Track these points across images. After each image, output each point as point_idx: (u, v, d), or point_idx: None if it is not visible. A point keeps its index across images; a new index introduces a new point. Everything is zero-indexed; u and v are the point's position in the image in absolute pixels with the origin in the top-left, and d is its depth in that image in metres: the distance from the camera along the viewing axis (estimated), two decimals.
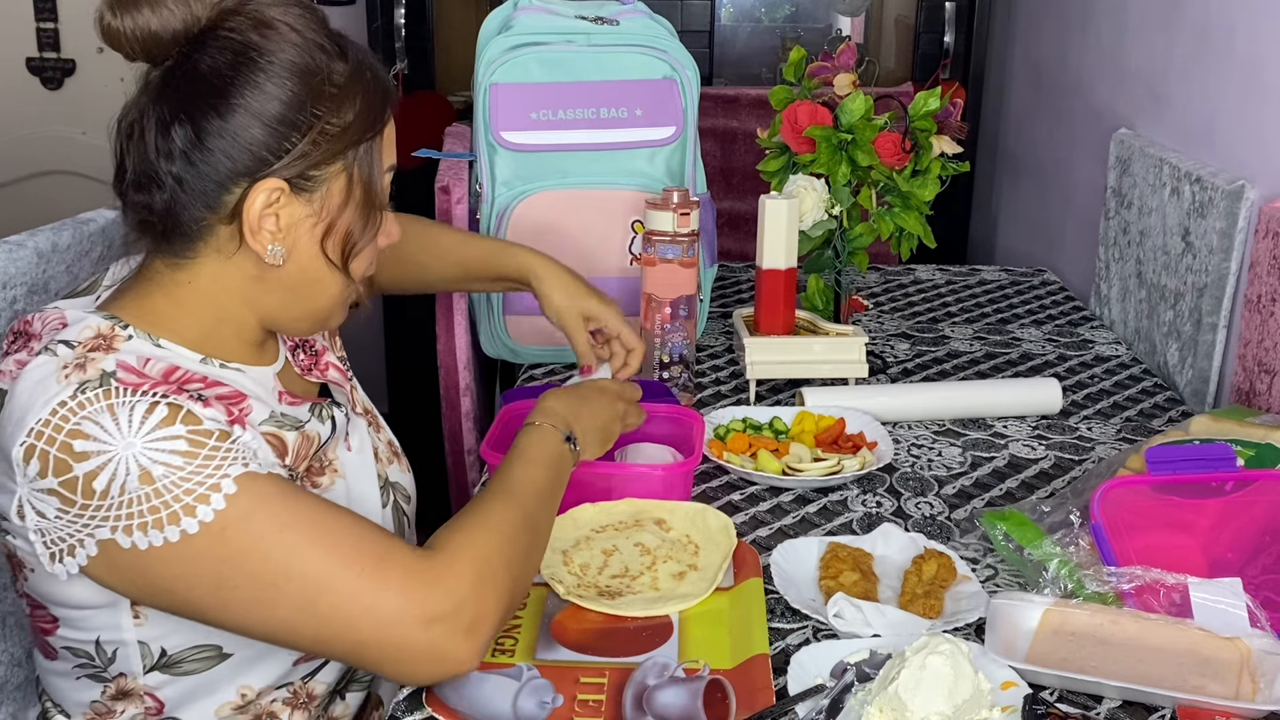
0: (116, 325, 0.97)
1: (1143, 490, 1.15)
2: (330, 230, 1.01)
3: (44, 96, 3.32)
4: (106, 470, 0.88)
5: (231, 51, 0.95)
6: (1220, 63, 1.72)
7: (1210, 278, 1.65)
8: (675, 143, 1.71)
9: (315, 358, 1.19)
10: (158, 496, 0.88)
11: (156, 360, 0.96)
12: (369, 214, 1.03)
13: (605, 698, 0.97)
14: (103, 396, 0.89)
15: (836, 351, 1.59)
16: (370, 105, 1.00)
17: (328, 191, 0.99)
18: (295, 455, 1.04)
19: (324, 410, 1.11)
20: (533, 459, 1.10)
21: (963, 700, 0.92)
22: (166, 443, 0.89)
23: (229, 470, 0.90)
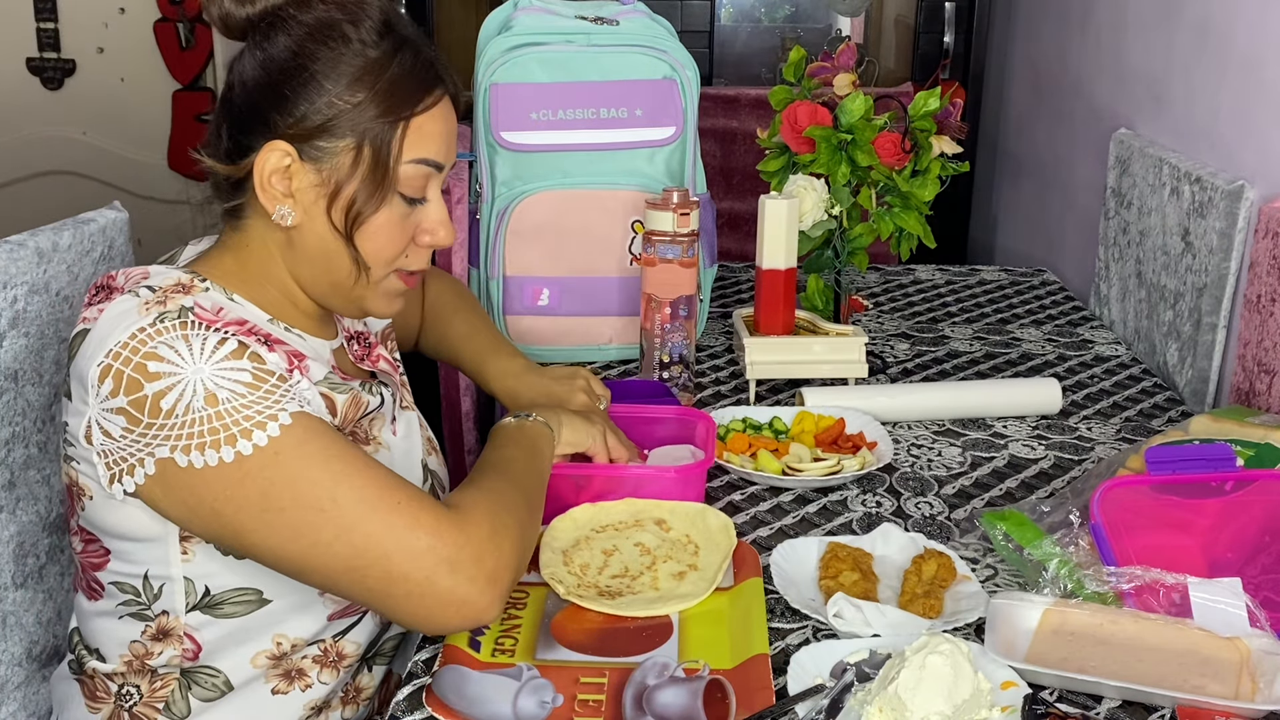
0: (195, 278, 1.05)
1: (1142, 490, 1.15)
2: (335, 199, 1.04)
3: (44, 96, 3.33)
4: (174, 390, 0.94)
5: (283, 30, 1.04)
6: (1220, 63, 1.72)
7: (1210, 278, 1.65)
8: (675, 143, 1.71)
9: (368, 349, 1.22)
10: (219, 419, 0.94)
11: (229, 310, 1.03)
12: (375, 188, 1.04)
13: (605, 698, 0.97)
14: (179, 326, 0.97)
15: (836, 351, 1.60)
16: (393, 92, 1.04)
17: (336, 164, 1.03)
18: (344, 417, 1.09)
19: (373, 387, 1.15)
20: (502, 444, 1.16)
21: (962, 700, 0.92)
22: (233, 372, 0.96)
23: (286, 405, 0.97)
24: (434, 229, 1.10)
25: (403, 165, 1.05)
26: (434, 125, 1.07)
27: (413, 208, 1.08)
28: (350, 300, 1.11)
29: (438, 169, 1.09)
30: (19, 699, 1.23)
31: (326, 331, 1.16)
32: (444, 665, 1.00)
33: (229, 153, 1.06)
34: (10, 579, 1.20)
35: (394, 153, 1.04)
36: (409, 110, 1.05)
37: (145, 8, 3.31)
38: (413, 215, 1.09)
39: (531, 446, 1.17)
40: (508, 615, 1.09)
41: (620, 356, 1.76)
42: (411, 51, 1.06)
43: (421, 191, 1.08)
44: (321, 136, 1.03)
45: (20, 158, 3.32)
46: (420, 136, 1.06)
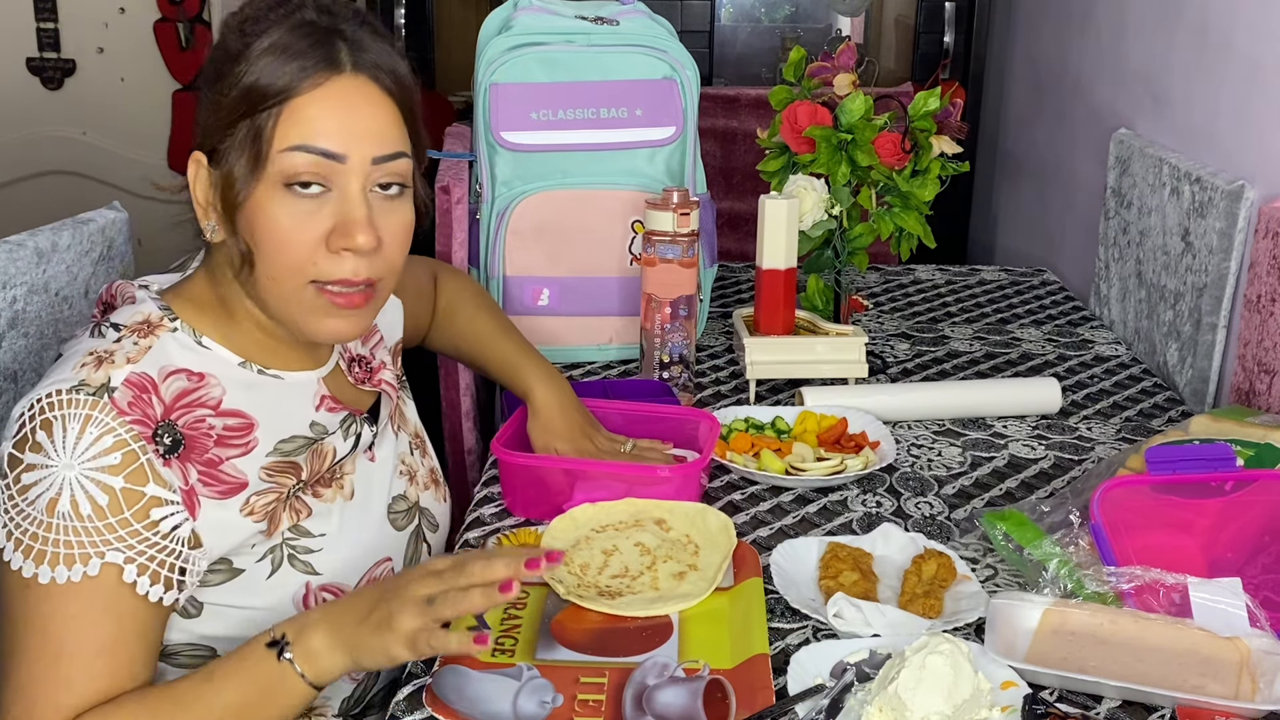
0: (166, 316, 1.02)
1: (1142, 490, 1.15)
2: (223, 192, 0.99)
3: (44, 96, 3.32)
4: (36, 473, 0.92)
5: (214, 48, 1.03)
6: (1220, 63, 1.72)
7: (1210, 278, 1.65)
8: (675, 143, 1.71)
9: (371, 373, 1.19)
10: (45, 529, 0.92)
11: (176, 377, 0.99)
12: (250, 171, 0.97)
13: (605, 698, 0.97)
14: (88, 406, 0.93)
15: (836, 351, 1.60)
16: (272, 73, 0.97)
17: (230, 159, 0.99)
18: (309, 469, 1.07)
19: (354, 425, 1.12)
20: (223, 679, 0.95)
21: (962, 700, 0.92)
22: (95, 486, 0.92)
23: (109, 553, 0.92)
24: (346, 229, 0.98)
25: (281, 153, 0.97)
26: (317, 108, 0.97)
27: (315, 204, 0.98)
28: (285, 319, 1.03)
29: (331, 158, 0.98)
30: None
31: (314, 360, 1.11)
32: (444, 665, 1.00)
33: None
34: None
35: (267, 135, 0.97)
36: (284, 94, 0.97)
37: (145, 8, 3.31)
38: (316, 214, 0.98)
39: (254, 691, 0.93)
40: (508, 615, 1.09)
41: (620, 356, 1.76)
42: (300, 33, 0.98)
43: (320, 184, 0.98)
44: (218, 136, 0.99)
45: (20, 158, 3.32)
46: (298, 120, 0.97)
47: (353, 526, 1.10)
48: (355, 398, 1.16)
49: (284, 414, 1.06)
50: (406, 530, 1.18)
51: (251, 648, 0.95)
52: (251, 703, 0.93)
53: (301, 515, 1.06)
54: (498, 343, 1.40)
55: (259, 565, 1.03)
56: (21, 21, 3.25)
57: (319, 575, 1.06)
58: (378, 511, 1.14)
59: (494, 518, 1.30)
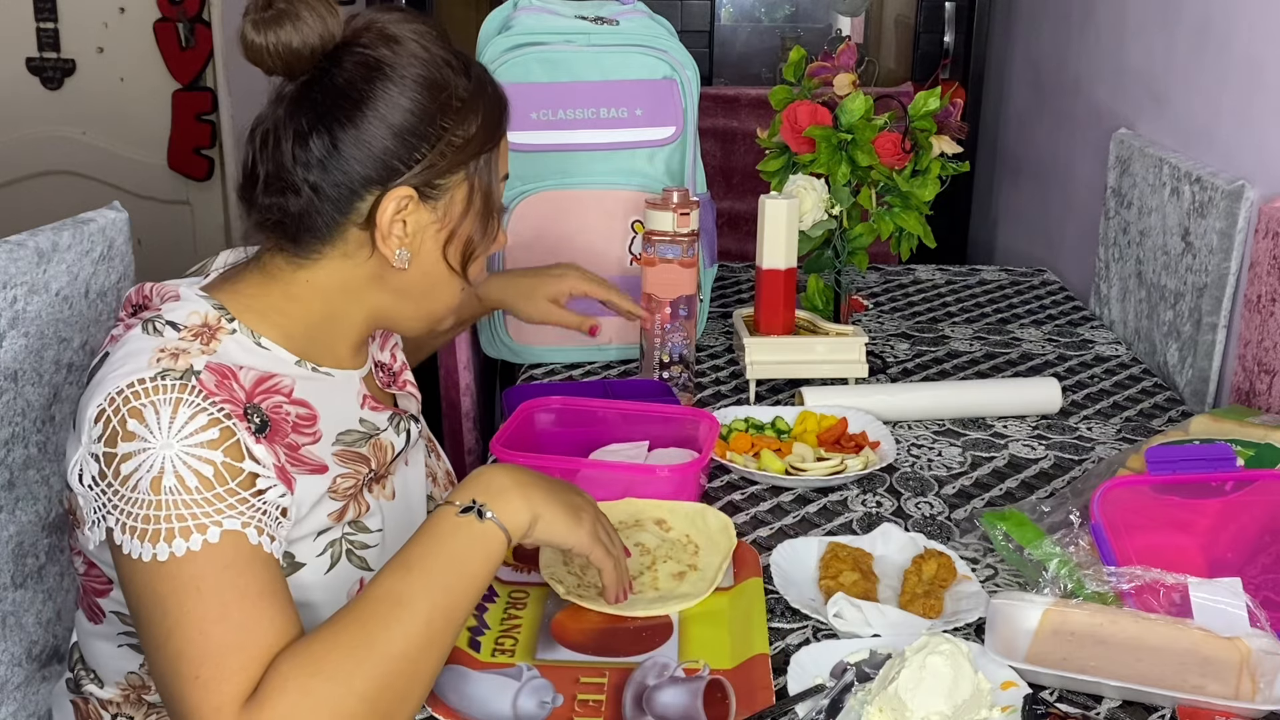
0: (223, 316, 1.02)
1: (1143, 490, 1.15)
2: (452, 237, 1.05)
3: (44, 96, 3.32)
4: (135, 459, 0.91)
5: (365, 66, 1.00)
6: (1220, 63, 1.72)
7: (1210, 278, 1.65)
8: (675, 143, 1.71)
9: (393, 377, 1.23)
10: (156, 509, 0.90)
11: (249, 368, 1.00)
12: (488, 221, 1.07)
13: (605, 698, 0.97)
14: (177, 389, 0.93)
15: (836, 351, 1.60)
16: (490, 118, 1.05)
17: (451, 199, 1.04)
18: (376, 461, 1.10)
19: (401, 422, 1.15)
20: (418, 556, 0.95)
21: (963, 700, 0.92)
22: (197, 461, 0.92)
23: (225, 521, 0.91)
24: (499, 238, 1.12)
25: (497, 185, 1.08)
26: (505, 141, 1.10)
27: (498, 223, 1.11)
28: (434, 322, 1.12)
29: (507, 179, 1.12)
30: (19, 699, 1.23)
31: (358, 360, 1.14)
32: (444, 665, 0.99)
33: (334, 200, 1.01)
34: (10, 579, 1.20)
35: (496, 177, 1.07)
36: (501, 134, 1.07)
37: (145, 8, 3.31)
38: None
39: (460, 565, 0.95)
40: (508, 615, 1.09)
41: (620, 356, 1.76)
42: (485, 72, 1.08)
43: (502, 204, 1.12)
44: (437, 174, 1.03)
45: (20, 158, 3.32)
46: (503, 155, 1.09)
47: (398, 525, 1.11)
48: (386, 400, 1.19)
49: (338, 409, 1.08)
50: None
51: (439, 525, 0.95)
52: (461, 572, 0.94)
53: (362, 509, 1.07)
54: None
55: (319, 559, 1.04)
56: (21, 21, 3.25)
57: (371, 571, 1.07)
58: (418, 511, 1.17)
59: None
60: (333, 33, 1.00)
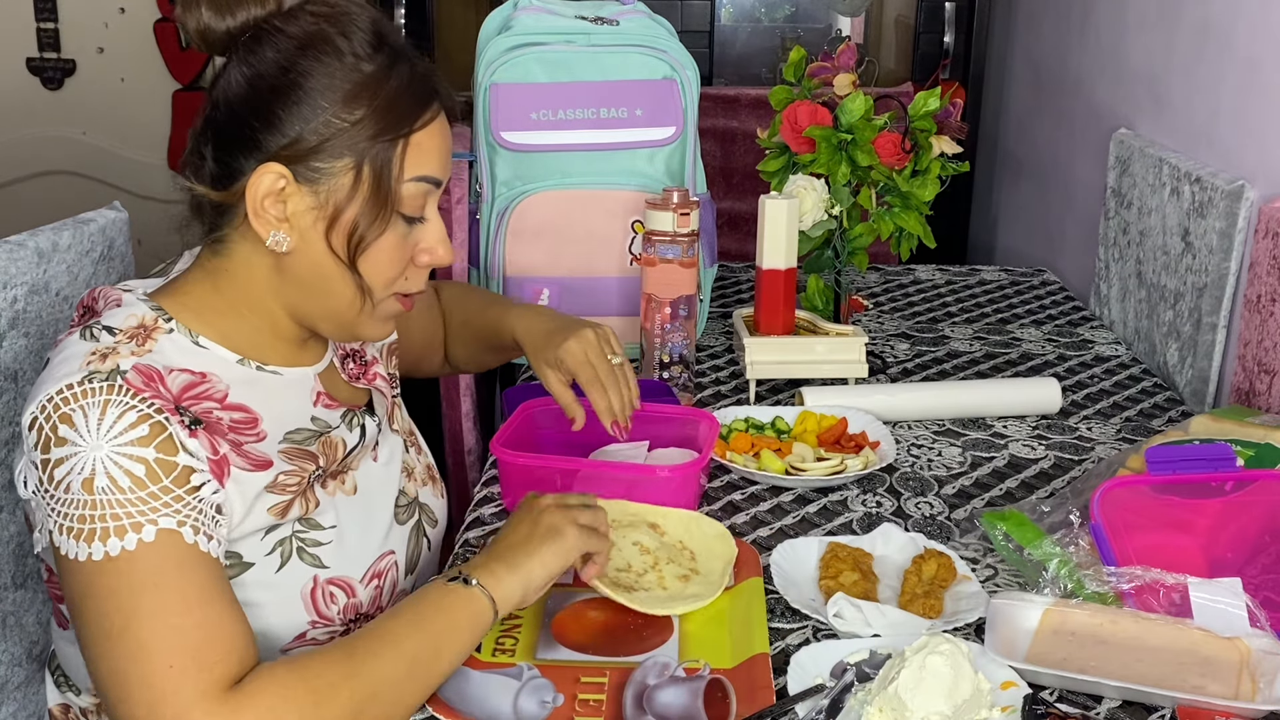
0: (160, 317, 1.01)
1: (1143, 490, 1.15)
2: (335, 224, 1.00)
3: (44, 96, 3.32)
4: (68, 463, 0.91)
5: (268, 46, 0.99)
6: (1220, 63, 1.72)
7: (1210, 278, 1.65)
8: (675, 143, 1.71)
9: (365, 367, 1.20)
10: (90, 509, 0.90)
11: (180, 372, 0.99)
12: (378, 211, 1.01)
13: (605, 697, 0.97)
14: (104, 391, 0.92)
15: (836, 351, 1.60)
16: (392, 108, 1.00)
17: (334, 186, 0.99)
18: (325, 458, 1.08)
19: (355, 418, 1.13)
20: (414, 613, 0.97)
21: (963, 700, 0.92)
22: (129, 460, 0.91)
23: (161, 519, 0.91)
24: (433, 248, 1.06)
25: (404, 184, 1.01)
26: (432, 141, 1.03)
27: (411, 227, 1.04)
28: (344, 326, 1.07)
29: (436, 185, 1.05)
30: (19, 699, 1.23)
31: (310, 356, 1.12)
32: None
33: (215, 176, 1.01)
34: (10, 579, 1.20)
35: (395, 172, 1.01)
36: (408, 127, 1.01)
37: (145, 8, 3.31)
38: (411, 235, 1.05)
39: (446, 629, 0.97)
40: (508, 615, 1.09)
41: None
42: (408, 65, 1.02)
43: (421, 210, 1.04)
44: (318, 157, 0.98)
45: (20, 158, 3.32)
46: (420, 153, 1.02)
47: (357, 521, 1.10)
48: (350, 395, 1.16)
49: (285, 408, 1.07)
50: (408, 524, 1.18)
51: (428, 591, 0.98)
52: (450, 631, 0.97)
53: (310, 507, 1.05)
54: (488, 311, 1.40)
55: (269, 558, 1.02)
56: (21, 21, 3.25)
57: (326, 569, 1.06)
58: (384, 507, 1.15)
59: (494, 518, 1.30)
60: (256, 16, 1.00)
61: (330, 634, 1.06)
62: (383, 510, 1.15)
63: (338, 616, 1.06)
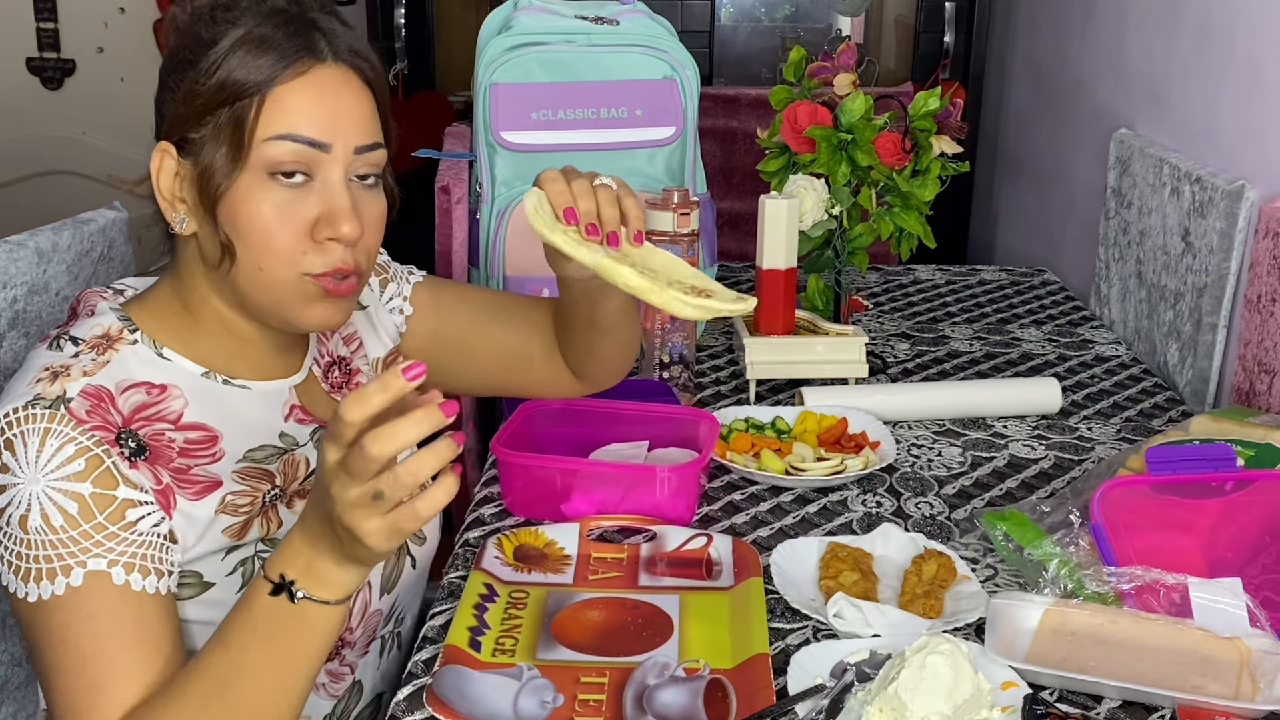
0: (126, 329, 1.00)
1: (1143, 490, 1.15)
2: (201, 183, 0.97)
3: (44, 96, 3.32)
4: (7, 494, 0.91)
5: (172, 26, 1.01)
6: (1220, 63, 1.72)
7: (1210, 278, 1.65)
8: (675, 143, 1.71)
9: (348, 377, 1.16)
10: (25, 546, 0.90)
11: (135, 390, 0.97)
12: (231, 162, 0.96)
13: (605, 697, 0.97)
14: (46, 419, 0.92)
15: (836, 351, 1.60)
16: (251, 65, 0.96)
17: (206, 150, 0.97)
18: (284, 478, 1.05)
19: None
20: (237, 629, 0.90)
21: (963, 700, 0.92)
22: (63, 496, 0.91)
23: (89, 560, 0.90)
24: (330, 219, 0.97)
25: (265, 142, 0.96)
26: (299, 96, 0.96)
27: (297, 193, 0.97)
28: (269, 311, 1.01)
29: (314, 146, 0.97)
30: (19, 699, 1.23)
31: (287, 366, 1.09)
32: (444, 665, 1.00)
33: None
34: None
35: (249, 125, 0.95)
36: (266, 83, 0.96)
37: (145, 8, 3.31)
38: (301, 203, 0.97)
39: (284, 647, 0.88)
40: (508, 615, 1.09)
41: None
42: (275, 22, 0.98)
43: (304, 174, 0.97)
44: (190, 125, 0.97)
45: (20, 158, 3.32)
46: (282, 110, 0.96)
47: None
48: (328, 409, 1.12)
49: (251, 425, 1.04)
50: None
51: (256, 599, 0.87)
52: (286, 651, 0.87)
53: (274, 526, 1.03)
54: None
55: (229, 579, 1.00)
56: (21, 21, 3.25)
57: None
58: None
59: (494, 518, 1.30)
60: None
61: None
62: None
63: None
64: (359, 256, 1.01)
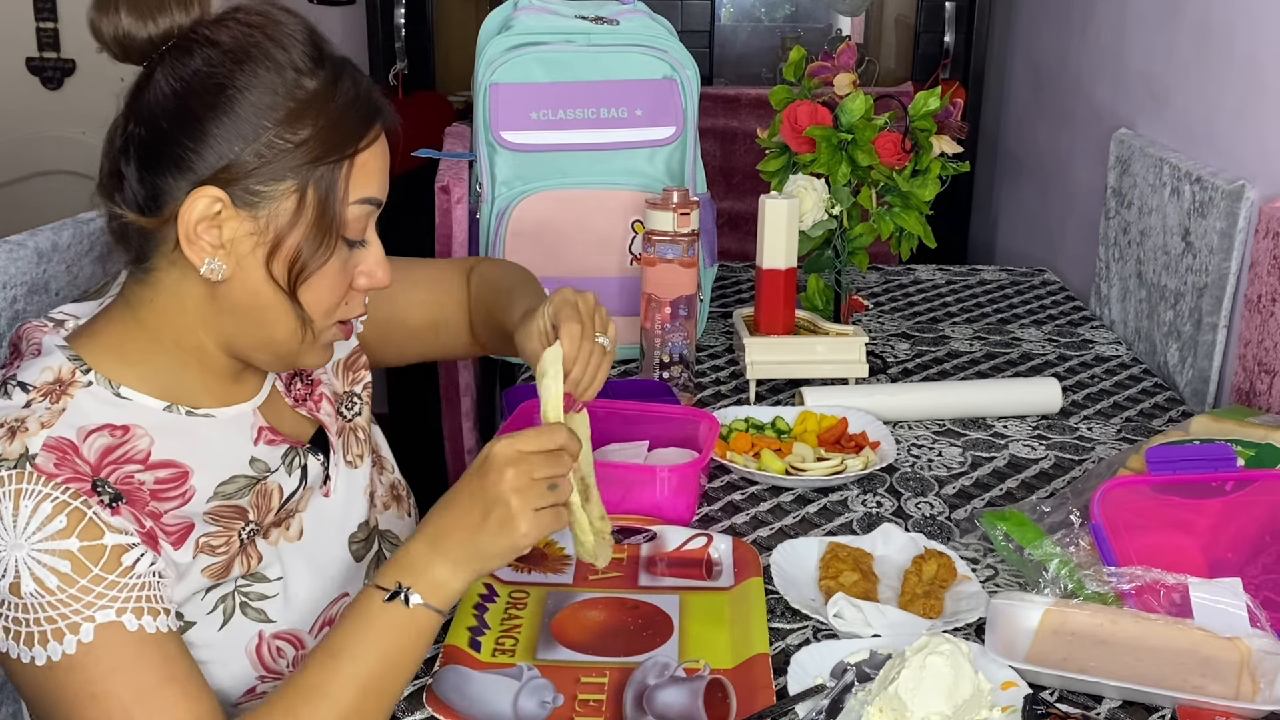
0: (78, 369, 0.95)
1: (1143, 490, 1.15)
2: (277, 250, 0.94)
3: (44, 96, 3.32)
4: None
5: (198, 56, 0.92)
6: (1220, 63, 1.72)
7: (1210, 278, 1.65)
8: (675, 143, 1.71)
9: (311, 388, 1.13)
10: (23, 611, 0.87)
11: (98, 434, 0.92)
12: (322, 238, 0.94)
13: (606, 697, 0.97)
14: (13, 479, 0.87)
15: (837, 351, 1.60)
16: (337, 127, 0.94)
17: (275, 210, 0.93)
18: (258, 511, 1.01)
19: (297, 459, 1.05)
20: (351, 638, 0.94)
21: (963, 700, 0.92)
22: (53, 557, 0.86)
23: (97, 614, 0.87)
24: (372, 271, 1.00)
25: (349, 207, 0.96)
26: (376, 161, 0.97)
27: (353, 251, 0.98)
28: (281, 357, 1.00)
29: (378, 206, 0.99)
30: (19, 699, 1.22)
31: (247, 390, 1.05)
32: (444, 665, 1.00)
33: (142, 200, 0.94)
34: None
35: (340, 195, 0.94)
36: (353, 147, 0.95)
37: None
38: (352, 258, 0.99)
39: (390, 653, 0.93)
40: (508, 615, 1.09)
41: (620, 356, 1.76)
42: (351, 80, 0.96)
43: (362, 233, 0.98)
44: (258, 179, 0.92)
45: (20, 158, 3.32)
46: (364, 174, 0.96)
47: (306, 568, 1.04)
48: (296, 426, 1.09)
49: (220, 454, 1.00)
50: (366, 559, 1.12)
51: (367, 610, 0.93)
52: (392, 658, 0.93)
53: (254, 562, 1.00)
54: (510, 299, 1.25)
55: (210, 617, 0.97)
56: (21, 21, 3.25)
57: (272, 623, 1.00)
58: (336, 548, 1.08)
59: None
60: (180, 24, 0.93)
61: None
62: (335, 549, 1.08)
63: (288, 671, 1.00)
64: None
